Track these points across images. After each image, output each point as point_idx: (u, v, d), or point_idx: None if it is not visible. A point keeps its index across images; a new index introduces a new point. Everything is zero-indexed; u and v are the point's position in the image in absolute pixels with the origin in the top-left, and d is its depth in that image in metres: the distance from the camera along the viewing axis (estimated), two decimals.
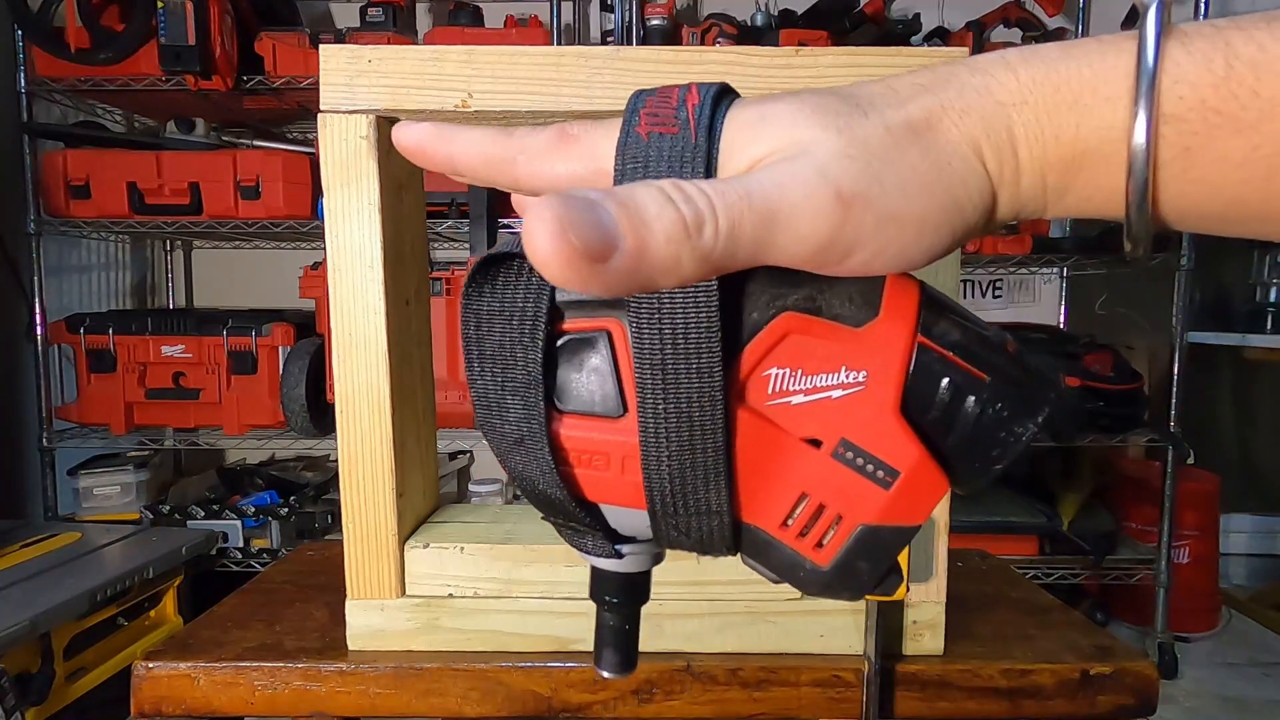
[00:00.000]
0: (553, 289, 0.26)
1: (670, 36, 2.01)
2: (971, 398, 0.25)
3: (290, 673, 0.56)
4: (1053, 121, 0.23)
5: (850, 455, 0.25)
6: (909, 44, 2.10)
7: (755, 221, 0.21)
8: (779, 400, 0.25)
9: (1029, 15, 2.13)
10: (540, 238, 0.19)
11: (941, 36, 2.15)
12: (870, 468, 0.25)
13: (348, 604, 0.57)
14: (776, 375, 0.25)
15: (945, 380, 0.25)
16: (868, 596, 0.30)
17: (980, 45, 2.02)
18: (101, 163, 1.93)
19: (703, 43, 2.02)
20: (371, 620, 0.57)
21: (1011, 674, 0.56)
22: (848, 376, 0.25)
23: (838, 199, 0.22)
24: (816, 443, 0.25)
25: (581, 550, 0.29)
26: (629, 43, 1.98)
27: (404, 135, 0.28)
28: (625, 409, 0.25)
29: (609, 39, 2.14)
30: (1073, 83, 0.23)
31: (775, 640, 0.57)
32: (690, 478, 0.25)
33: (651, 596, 0.31)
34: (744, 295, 0.25)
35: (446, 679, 0.55)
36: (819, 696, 0.56)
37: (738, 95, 0.26)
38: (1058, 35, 2.12)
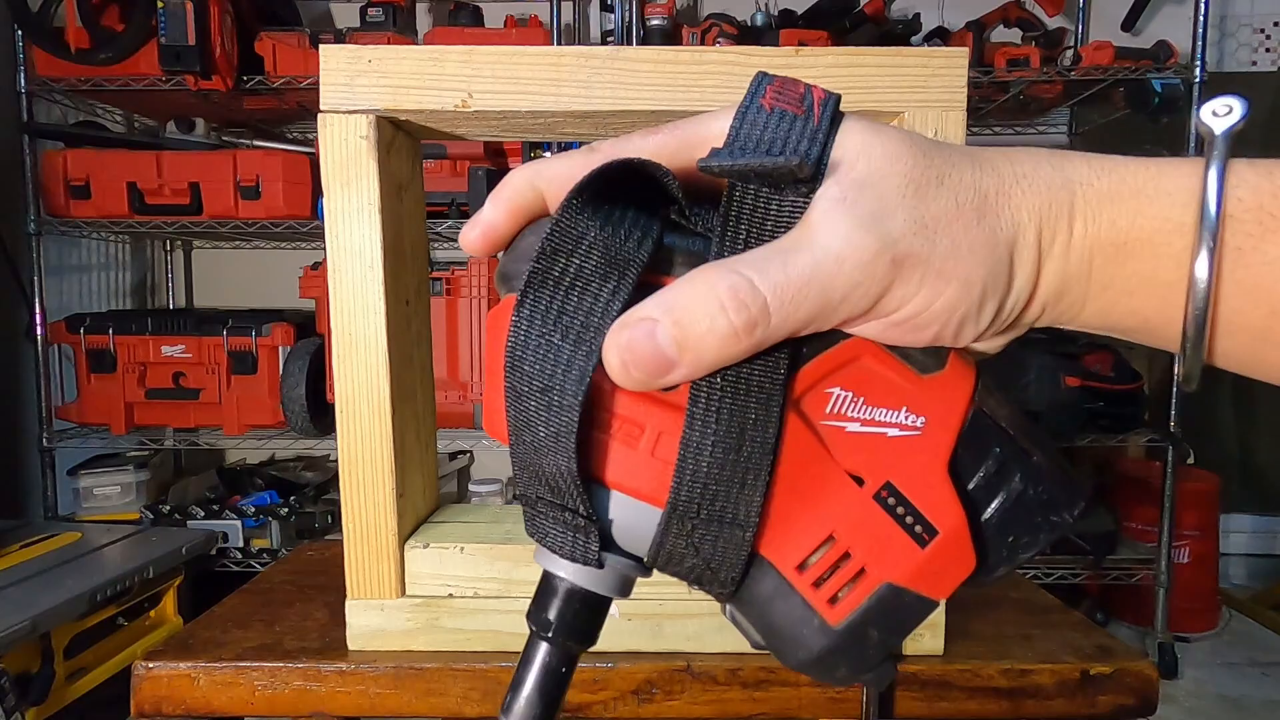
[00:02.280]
0: (662, 229, 0.25)
1: (670, 36, 2.01)
2: (1018, 473, 0.24)
3: (290, 673, 0.56)
4: (1112, 207, 0.24)
5: (892, 502, 0.24)
6: (909, 44, 2.10)
7: (811, 307, 0.23)
8: (835, 422, 0.24)
9: (1029, 15, 2.13)
10: (614, 367, 0.23)
11: (942, 36, 2.15)
12: (909, 519, 0.24)
13: (348, 604, 0.57)
14: (838, 396, 0.24)
15: (996, 449, 0.25)
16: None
17: (980, 45, 2.01)
18: (101, 163, 1.93)
19: (703, 43, 2.02)
20: (371, 620, 0.57)
21: (1011, 674, 0.56)
22: (906, 418, 0.24)
23: (892, 264, 0.23)
24: (860, 481, 0.24)
25: (554, 547, 0.25)
26: (629, 43, 1.98)
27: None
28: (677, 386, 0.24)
29: (609, 39, 2.14)
30: (1139, 175, 0.25)
31: None
32: (727, 471, 0.23)
33: (651, 596, 0.29)
34: None
35: (446, 679, 0.55)
36: (819, 696, 0.56)
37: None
38: (1058, 35, 2.12)
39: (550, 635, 0.26)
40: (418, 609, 0.57)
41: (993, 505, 0.25)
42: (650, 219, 0.25)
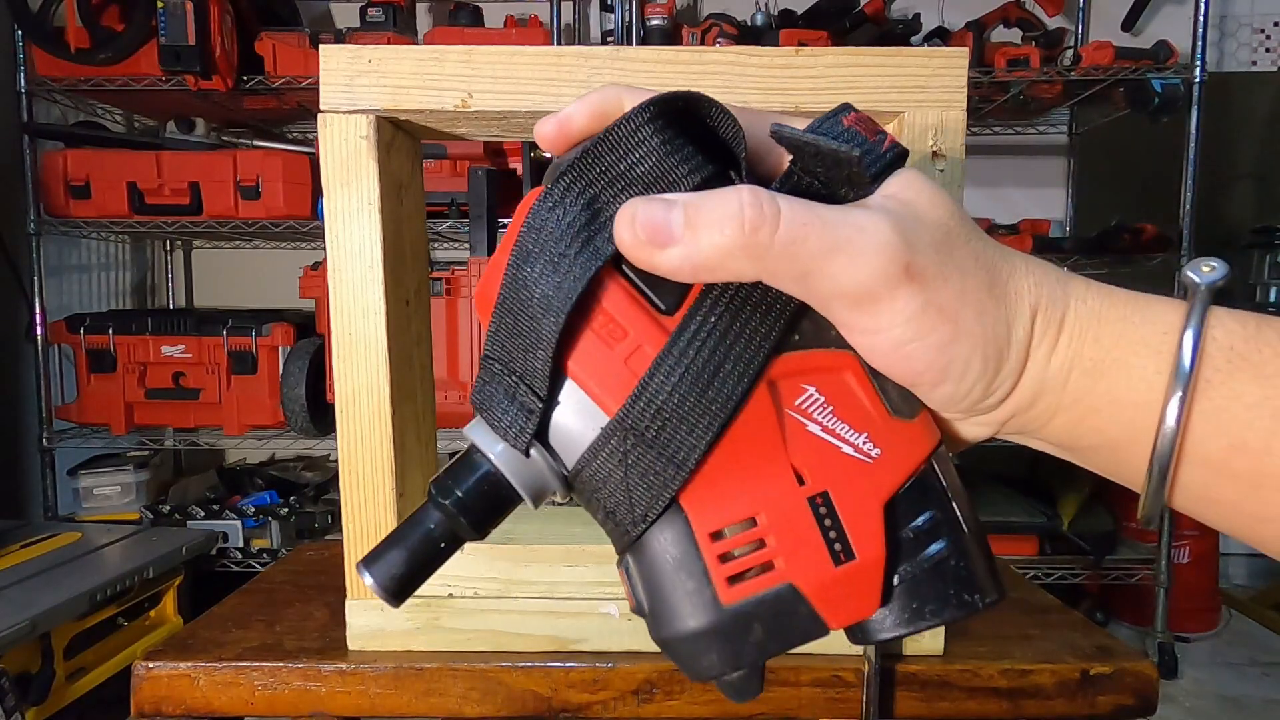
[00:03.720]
0: (714, 177, 0.26)
1: (670, 36, 2.01)
2: (947, 541, 0.25)
3: (290, 673, 0.56)
4: (1098, 325, 0.26)
5: (823, 510, 0.24)
6: (909, 44, 2.10)
7: (814, 245, 0.23)
8: (799, 416, 0.25)
9: (1029, 15, 2.13)
10: (620, 224, 0.24)
11: (941, 36, 2.15)
12: (833, 534, 0.24)
13: (348, 604, 0.57)
14: (811, 395, 0.25)
15: (934, 511, 0.25)
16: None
17: (980, 45, 2.01)
18: (101, 163, 1.93)
19: (703, 43, 2.02)
20: (371, 620, 0.57)
21: (1011, 674, 0.56)
22: (864, 444, 0.25)
23: (904, 269, 0.24)
24: (801, 480, 0.25)
25: (492, 420, 0.26)
26: (629, 43, 1.98)
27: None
28: (675, 310, 0.25)
29: (609, 39, 2.14)
30: (1127, 303, 0.26)
31: None
32: (687, 404, 0.24)
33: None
34: (818, 314, 0.26)
35: (446, 679, 0.55)
36: (819, 696, 0.56)
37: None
38: (1058, 35, 2.12)
39: (446, 504, 0.26)
40: (418, 609, 0.57)
41: (914, 561, 0.25)
42: (708, 162, 0.26)
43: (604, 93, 0.28)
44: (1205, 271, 0.26)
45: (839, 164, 0.25)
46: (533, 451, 0.26)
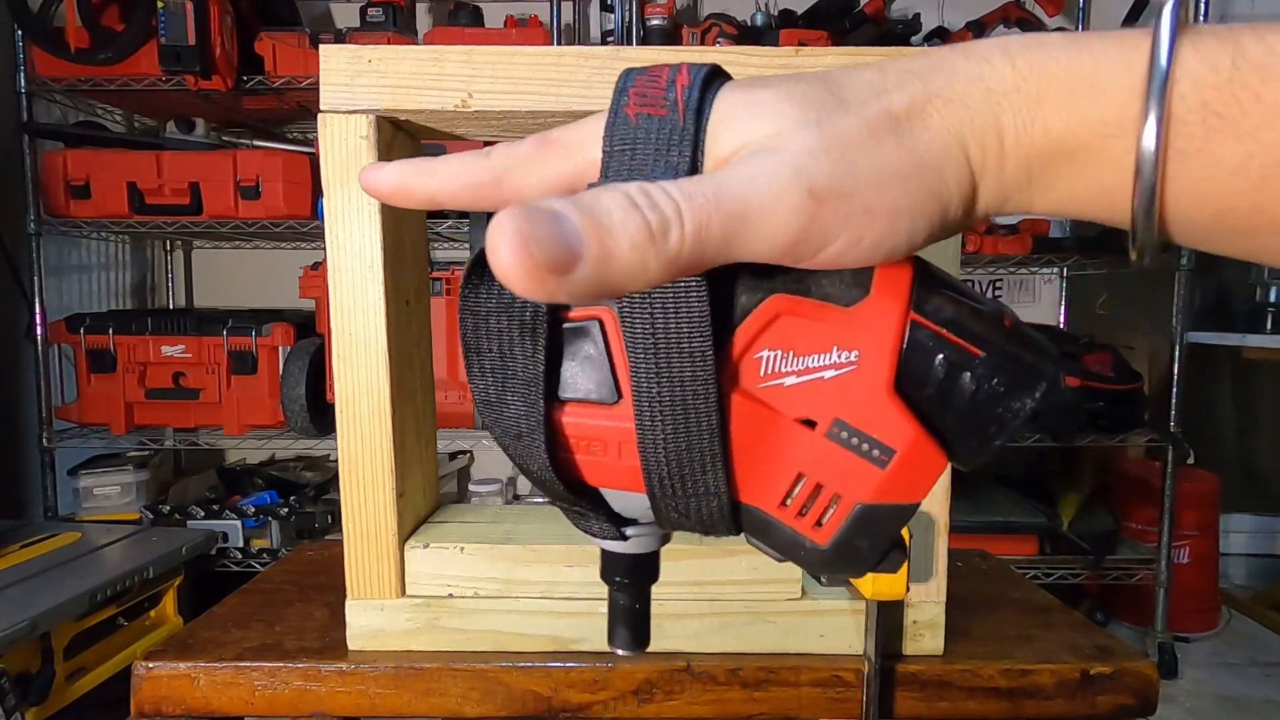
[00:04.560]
0: None
1: (670, 36, 2.01)
2: (967, 374, 0.24)
3: (290, 673, 0.56)
4: (1043, 112, 0.23)
5: (845, 435, 0.25)
6: (909, 44, 2.10)
7: (724, 222, 0.21)
8: (772, 382, 0.25)
9: (1029, 15, 2.13)
10: (503, 252, 0.18)
11: (941, 36, 2.15)
12: (865, 446, 0.24)
13: (348, 604, 0.57)
14: (768, 357, 0.25)
15: (939, 357, 0.24)
16: (871, 575, 0.29)
17: None
18: (101, 163, 1.93)
19: (703, 43, 2.02)
20: (371, 620, 0.57)
21: (1011, 674, 0.56)
22: (840, 356, 0.25)
23: (810, 195, 0.22)
24: (811, 423, 0.25)
25: (588, 533, 0.29)
26: (629, 43, 1.98)
27: (377, 178, 0.27)
28: (620, 395, 0.26)
29: (609, 39, 2.14)
30: (1071, 72, 0.22)
31: (775, 640, 0.57)
32: (687, 461, 0.25)
33: (651, 597, 0.31)
34: (734, 279, 0.25)
35: (446, 679, 0.55)
36: (819, 696, 0.56)
37: (729, 77, 0.25)
38: None
39: (618, 588, 0.31)
40: (418, 609, 0.57)
41: (949, 410, 0.25)
42: None
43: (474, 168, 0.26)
44: None
45: (636, 142, 0.24)
46: (628, 533, 0.29)
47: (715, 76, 0.25)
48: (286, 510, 2.02)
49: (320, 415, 1.96)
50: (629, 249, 0.20)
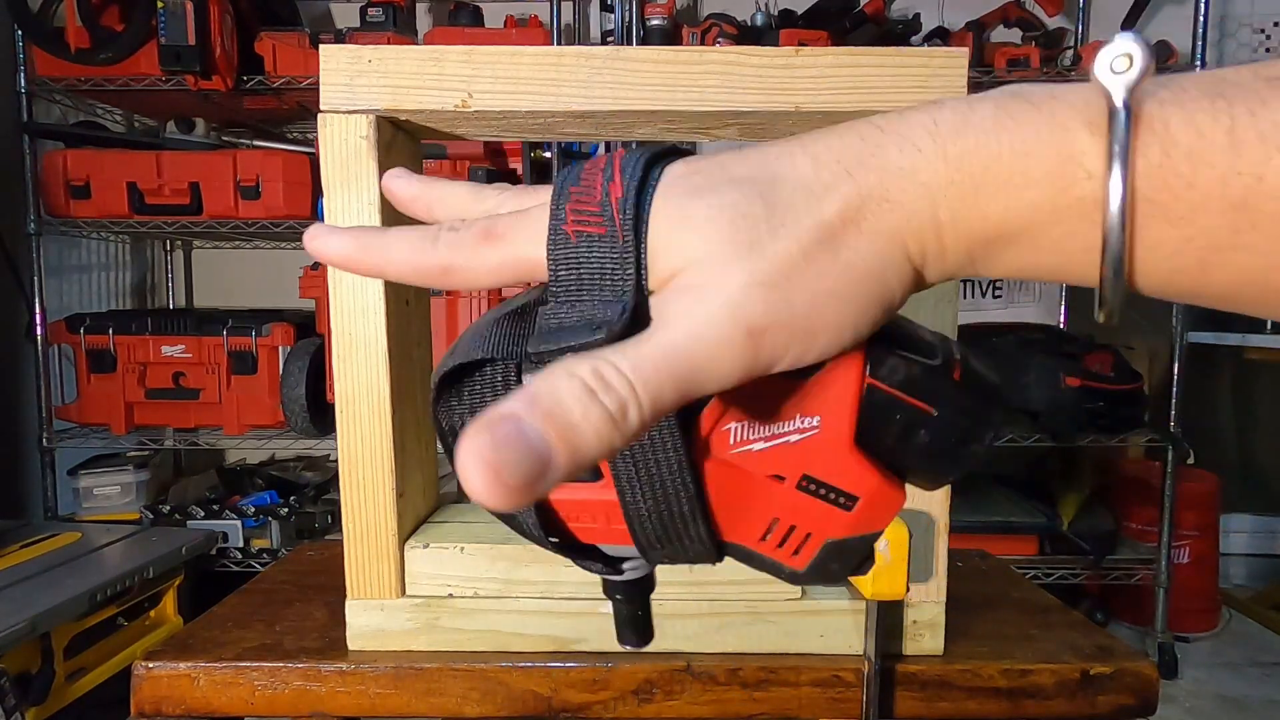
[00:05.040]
0: (518, 372, 0.27)
1: (670, 36, 2.01)
2: (922, 430, 0.26)
3: (290, 673, 0.56)
4: (980, 200, 0.23)
5: (813, 487, 0.27)
6: (909, 44, 2.10)
7: (675, 385, 0.22)
8: (742, 449, 0.27)
9: (1029, 15, 2.13)
10: (476, 484, 0.19)
11: (941, 36, 2.15)
12: (832, 495, 0.27)
13: (348, 604, 0.57)
14: (736, 428, 0.26)
15: (896, 416, 0.26)
16: (871, 574, 0.31)
17: (980, 45, 2.01)
18: (101, 163, 1.93)
19: (703, 43, 2.02)
20: (371, 620, 0.57)
21: (1011, 674, 0.56)
22: (802, 423, 0.26)
23: (749, 335, 0.22)
24: (781, 479, 0.27)
25: (587, 570, 0.31)
26: (629, 43, 1.97)
27: (326, 247, 0.28)
28: (600, 475, 0.27)
29: (609, 39, 2.14)
30: (1003, 161, 0.22)
31: (775, 640, 0.57)
32: (669, 523, 0.27)
33: (652, 598, 0.32)
34: None
35: (446, 679, 0.55)
36: (819, 696, 0.56)
37: (669, 159, 0.25)
38: (1058, 35, 2.12)
39: (624, 603, 0.32)
40: (418, 609, 0.57)
41: (909, 459, 0.27)
42: (508, 382, 0.27)
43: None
44: (1121, 68, 0.21)
45: (601, 342, 0.24)
46: (624, 569, 0.31)
47: (649, 174, 0.25)
48: (286, 510, 2.02)
49: (320, 415, 1.96)
50: (595, 439, 0.20)
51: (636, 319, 0.24)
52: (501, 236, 0.25)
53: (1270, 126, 0.20)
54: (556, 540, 0.29)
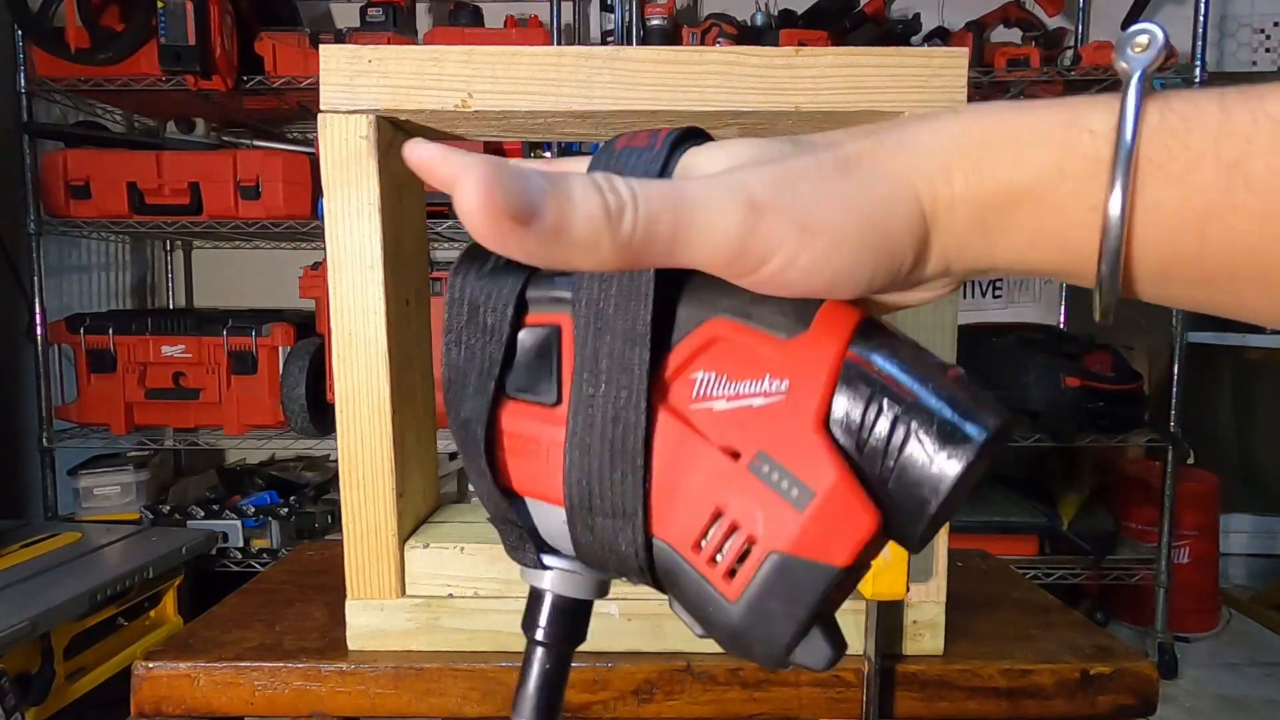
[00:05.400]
0: (525, 284, 0.27)
1: (670, 36, 2.01)
2: (895, 418, 0.23)
3: (290, 673, 0.56)
4: (990, 157, 0.24)
5: (766, 469, 0.23)
6: (909, 44, 2.10)
7: (674, 219, 0.22)
8: (703, 404, 0.25)
9: (1029, 15, 2.13)
10: (468, 191, 0.20)
11: (942, 36, 2.15)
12: (785, 484, 0.23)
13: (348, 604, 0.57)
14: (702, 379, 0.25)
15: (870, 398, 0.23)
16: (872, 573, 0.27)
17: (980, 45, 2.01)
18: (101, 163, 1.93)
19: (703, 43, 2.02)
20: (371, 620, 0.57)
21: (1011, 674, 0.56)
22: (770, 385, 0.24)
23: (750, 206, 0.22)
24: (737, 455, 0.24)
25: (514, 558, 0.30)
26: (629, 43, 1.98)
27: (417, 153, 0.28)
28: (560, 399, 0.27)
29: (609, 39, 2.14)
30: (1013, 125, 0.24)
31: None
32: (607, 468, 0.25)
33: (651, 596, 0.31)
34: (680, 298, 0.26)
35: (446, 679, 0.55)
36: (819, 696, 0.56)
37: (710, 138, 0.27)
38: (1058, 35, 2.12)
39: (541, 640, 0.30)
40: (418, 609, 0.57)
41: (880, 461, 0.23)
42: (519, 275, 0.28)
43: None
44: (1136, 51, 0.23)
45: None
46: (550, 561, 0.30)
47: (694, 134, 0.27)
48: (286, 510, 2.02)
49: (320, 415, 1.96)
50: (584, 221, 0.21)
51: None
52: (556, 165, 0.27)
53: (1257, 102, 0.22)
54: (488, 482, 0.28)
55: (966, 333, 1.83)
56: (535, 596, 0.31)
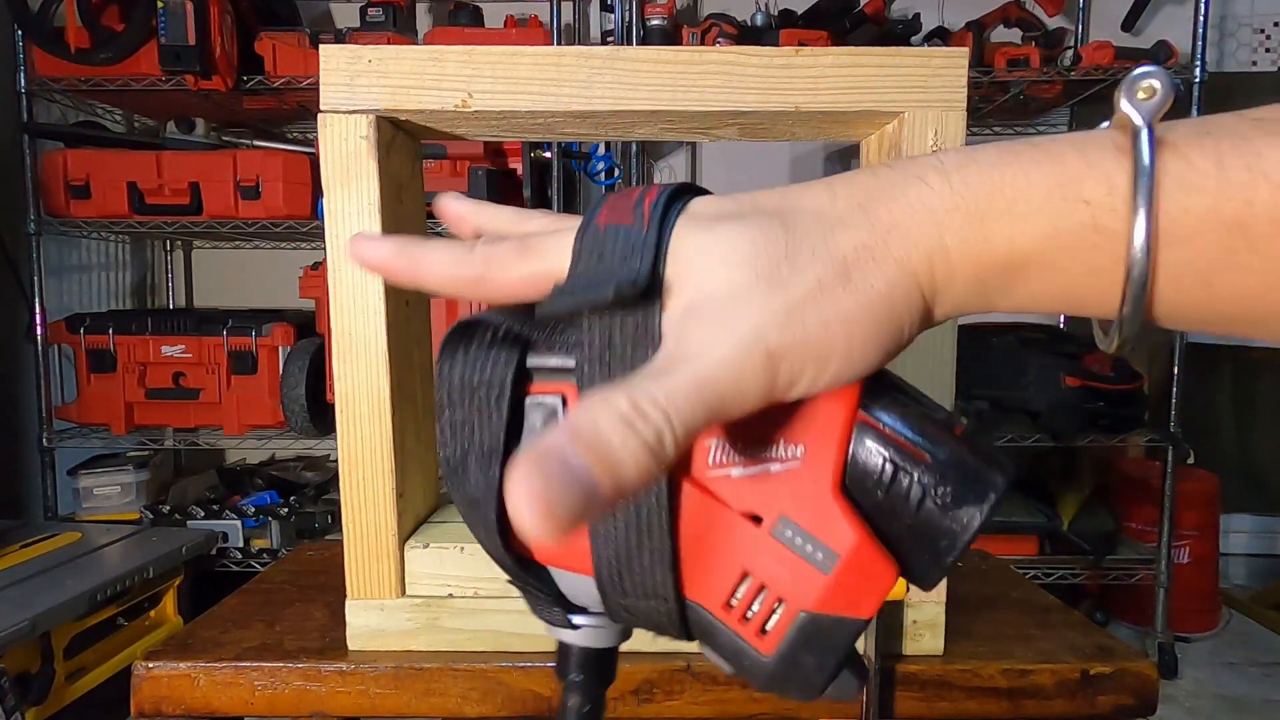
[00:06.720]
0: (522, 356, 0.27)
1: (670, 36, 2.01)
2: (913, 479, 0.24)
3: (290, 673, 0.56)
4: (985, 227, 0.24)
5: (790, 534, 0.24)
6: (909, 44, 2.10)
7: (706, 412, 0.22)
8: (720, 471, 0.25)
9: (1029, 15, 2.13)
10: (528, 520, 0.19)
11: (941, 36, 2.15)
12: (809, 549, 0.24)
13: (348, 604, 0.57)
14: (716, 445, 0.25)
15: (884, 459, 0.24)
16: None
17: (980, 45, 2.01)
18: (101, 163, 1.93)
19: (703, 43, 2.02)
20: (371, 620, 0.57)
21: (1011, 674, 0.56)
22: (785, 450, 0.25)
23: (768, 357, 0.23)
24: (759, 519, 0.25)
25: (546, 621, 0.30)
26: (629, 43, 1.98)
27: (368, 253, 0.28)
28: None
29: (609, 39, 2.14)
30: (1004, 190, 0.24)
31: None
32: (634, 544, 0.25)
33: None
34: None
35: (446, 679, 0.55)
36: None
37: (701, 192, 0.27)
38: (1058, 35, 2.12)
39: (577, 684, 0.30)
40: (418, 609, 0.57)
41: (897, 519, 0.24)
42: (513, 348, 0.27)
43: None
44: (1142, 97, 0.23)
45: (611, 303, 0.24)
46: (576, 621, 0.29)
47: (681, 193, 0.26)
48: (286, 510, 2.02)
49: (320, 415, 1.96)
50: (634, 468, 0.21)
51: (650, 291, 0.24)
52: (536, 250, 0.26)
53: (1254, 158, 0.22)
54: (514, 554, 0.27)
55: (966, 333, 1.82)
56: (566, 649, 0.31)
